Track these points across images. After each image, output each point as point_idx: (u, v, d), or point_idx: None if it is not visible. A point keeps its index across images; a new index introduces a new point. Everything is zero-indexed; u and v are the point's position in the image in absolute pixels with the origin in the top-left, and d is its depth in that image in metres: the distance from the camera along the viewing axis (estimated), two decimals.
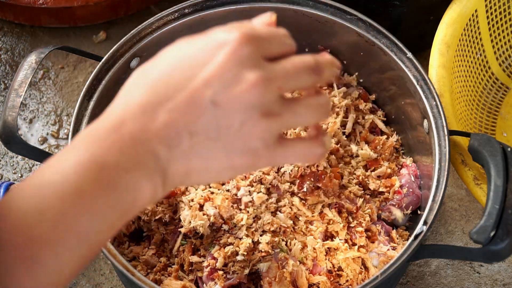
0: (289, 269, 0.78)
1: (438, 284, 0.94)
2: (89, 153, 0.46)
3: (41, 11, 1.12)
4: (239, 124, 0.47)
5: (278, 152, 0.50)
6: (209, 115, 0.47)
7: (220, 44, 0.48)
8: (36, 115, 1.09)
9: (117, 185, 0.46)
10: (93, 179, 0.45)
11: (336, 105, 0.90)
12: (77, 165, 0.46)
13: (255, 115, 0.47)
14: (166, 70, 0.48)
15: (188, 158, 0.48)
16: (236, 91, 0.47)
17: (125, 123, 0.47)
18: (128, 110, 0.47)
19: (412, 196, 0.85)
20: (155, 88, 0.48)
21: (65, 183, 0.45)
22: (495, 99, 1.04)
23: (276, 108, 0.48)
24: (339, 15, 0.87)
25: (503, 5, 1.00)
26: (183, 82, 0.47)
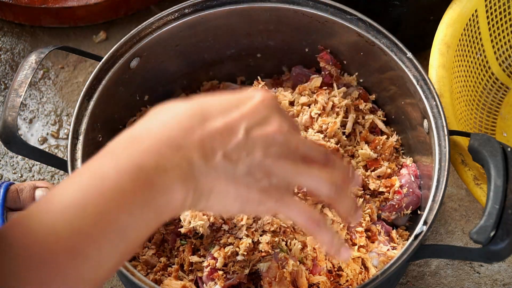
0: (289, 269, 0.78)
1: (438, 284, 0.94)
2: (126, 155, 0.50)
3: (41, 11, 1.12)
4: (261, 156, 0.53)
5: (286, 199, 0.56)
6: (241, 142, 0.53)
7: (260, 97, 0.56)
8: (36, 115, 1.09)
9: (154, 184, 0.49)
10: (132, 178, 0.49)
11: (336, 105, 0.90)
12: (116, 166, 0.49)
13: (275, 154, 0.54)
14: (217, 101, 0.55)
15: (216, 176, 0.52)
16: (265, 129, 0.54)
17: (166, 130, 0.52)
18: (171, 121, 0.53)
19: (412, 196, 0.85)
20: (200, 109, 0.54)
21: (105, 181, 0.48)
22: (495, 99, 1.04)
23: (293, 157, 0.55)
24: (339, 15, 0.87)
25: (503, 5, 1.00)
26: (225, 111, 0.54)
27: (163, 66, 0.93)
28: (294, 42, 0.95)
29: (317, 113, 0.88)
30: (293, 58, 0.97)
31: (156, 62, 0.92)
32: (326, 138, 0.87)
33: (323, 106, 0.89)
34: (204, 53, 0.96)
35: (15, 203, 0.89)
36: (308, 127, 0.88)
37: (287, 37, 0.94)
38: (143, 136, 0.51)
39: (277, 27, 0.93)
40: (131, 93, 0.92)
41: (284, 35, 0.94)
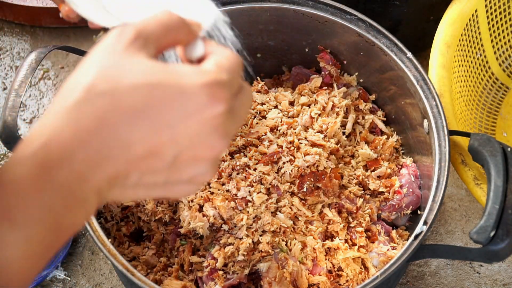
0: (289, 269, 0.78)
1: (438, 284, 0.94)
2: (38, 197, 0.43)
3: (41, 11, 1.12)
4: (188, 178, 0.47)
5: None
6: (165, 170, 0.45)
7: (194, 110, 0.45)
8: (36, 115, 1.09)
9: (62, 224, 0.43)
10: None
11: (336, 105, 0.90)
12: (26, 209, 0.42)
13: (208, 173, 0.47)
14: (135, 113, 0.44)
15: (125, 190, 0.46)
16: (198, 153, 0.45)
17: (75, 154, 0.43)
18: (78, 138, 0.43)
19: (412, 196, 0.85)
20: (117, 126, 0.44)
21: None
22: (495, 99, 1.04)
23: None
24: (339, 15, 0.87)
25: (503, 5, 1.00)
26: (150, 131, 0.44)
27: None
28: (294, 42, 0.95)
29: (317, 113, 0.88)
30: (293, 58, 0.97)
31: None
32: (326, 138, 0.87)
33: (323, 106, 0.89)
34: None
35: None
36: (308, 127, 0.88)
37: (287, 37, 0.94)
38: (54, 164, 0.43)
39: (277, 27, 0.93)
40: None
41: (284, 35, 0.94)
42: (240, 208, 0.80)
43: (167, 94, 0.44)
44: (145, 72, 0.44)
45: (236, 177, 0.82)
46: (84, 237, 0.98)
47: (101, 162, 0.43)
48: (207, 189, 0.83)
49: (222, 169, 0.82)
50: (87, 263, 0.97)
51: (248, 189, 0.81)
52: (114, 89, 0.43)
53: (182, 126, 0.44)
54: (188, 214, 0.80)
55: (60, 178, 0.42)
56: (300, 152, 0.83)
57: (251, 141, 0.85)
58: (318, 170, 0.83)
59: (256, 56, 0.98)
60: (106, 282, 0.95)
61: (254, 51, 0.97)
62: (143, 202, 0.84)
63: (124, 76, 0.43)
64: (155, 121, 0.43)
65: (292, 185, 0.82)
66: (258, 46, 0.97)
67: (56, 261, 0.92)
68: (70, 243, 0.94)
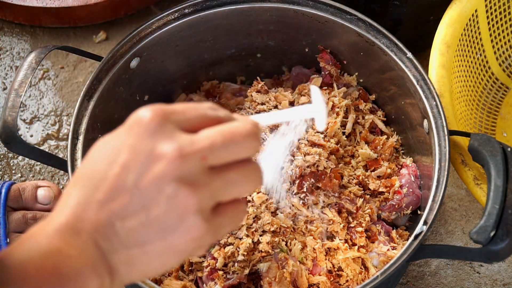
0: (289, 269, 0.78)
1: (438, 284, 0.94)
2: (32, 244, 0.46)
3: (41, 11, 1.12)
4: (165, 202, 0.46)
5: (218, 222, 0.48)
6: (135, 198, 0.46)
7: (130, 126, 0.48)
8: (36, 115, 1.09)
9: (61, 271, 0.45)
10: (38, 266, 0.45)
11: (336, 105, 0.90)
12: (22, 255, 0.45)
13: (181, 190, 0.46)
14: (90, 165, 0.48)
15: (127, 246, 0.47)
16: (155, 169, 0.46)
17: (62, 215, 0.47)
18: (66, 208, 0.47)
19: (412, 196, 0.85)
20: (83, 183, 0.47)
21: (11, 272, 0.44)
22: (495, 99, 1.04)
23: (201, 179, 0.47)
24: (339, 15, 0.87)
25: (503, 5, 1.00)
26: (105, 171, 0.47)
27: (163, 66, 0.93)
28: (294, 42, 0.95)
29: None
30: (293, 58, 0.97)
31: (156, 62, 0.92)
32: (326, 138, 0.87)
33: None
34: (204, 53, 0.96)
35: (17, 202, 0.89)
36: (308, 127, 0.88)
37: (287, 37, 0.94)
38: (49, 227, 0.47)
39: (277, 27, 0.93)
40: (131, 93, 0.92)
41: (284, 35, 0.94)
42: None
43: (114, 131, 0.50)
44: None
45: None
46: None
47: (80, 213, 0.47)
48: None
49: None
50: None
51: None
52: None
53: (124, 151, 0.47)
54: None
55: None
56: (300, 152, 0.83)
57: None
58: (318, 170, 0.83)
59: (256, 56, 0.98)
60: None
61: (254, 51, 0.97)
62: None
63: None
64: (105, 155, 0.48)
65: (292, 185, 0.82)
66: (258, 46, 0.97)
67: None
68: None
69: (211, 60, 0.97)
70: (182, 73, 0.97)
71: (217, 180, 0.47)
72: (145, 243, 0.47)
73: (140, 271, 0.48)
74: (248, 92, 0.93)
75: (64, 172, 1.01)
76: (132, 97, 0.93)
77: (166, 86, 0.97)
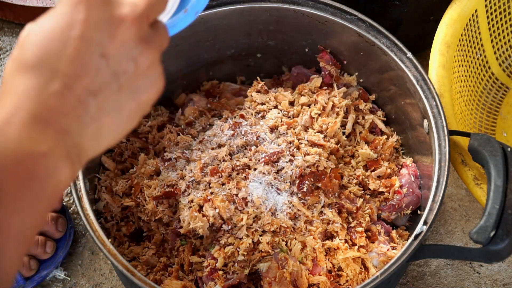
0: (289, 269, 0.78)
1: (438, 284, 0.94)
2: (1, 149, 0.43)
3: (41, 11, 1.12)
4: (133, 64, 0.48)
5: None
6: (104, 68, 0.46)
7: (75, 2, 0.47)
8: None
9: (37, 173, 0.44)
10: (12, 176, 0.43)
11: (336, 105, 0.90)
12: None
13: (144, 48, 0.48)
14: (36, 47, 0.46)
15: (97, 118, 0.47)
16: (120, 34, 0.47)
17: (21, 109, 0.44)
18: (24, 102, 0.45)
19: (412, 196, 0.85)
20: (33, 70, 0.45)
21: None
22: (495, 99, 1.04)
23: (152, 35, 0.49)
24: (339, 15, 0.87)
25: (503, 5, 1.00)
26: (60, 49, 0.45)
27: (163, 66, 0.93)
28: (294, 42, 0.95)
29: (317, 113, 0.88)
30: (293, 58, 0.97)
31: None
32: (326, 138, 0.87)
33: (323, 106, 0.89)
34: (204, 53, 0.96)
35: None
36: (308, 127, 0.88)
37: (287, 37, 0.94)
38: (4, 120, 0.44)
39: (277, 27, 0.93)
40: None
41: (284, 35, 0.94)
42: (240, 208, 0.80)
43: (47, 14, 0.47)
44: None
45: (236, 177, 0.82)
46: (84, 237, 0.98)
47: (44, 95, 0.45)
48: (207, 189, 0.83)
49: (222, 169, 0.82)
50: (87, 263, 0.97)
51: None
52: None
53: (79, 21, 0.46)
54: (188, 214, 0.80)
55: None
56: (300, 152, 0.84)
57: (251, 141, 0.85)
58: (318, 170, 0.83)
59: (256, 56, 0.98)
60: (106, 282, 0.95)
61: (254, 51, 0.97)
62: (143, 202, 0.84)
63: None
64: (56, 35, 0.46)
65: (292, 185, 0.82)
66: (258, 46, 0.97)
67: (56, 261, 0.92)
68: (70, 243, 0.94)
69: (211, 60, 0.97)
70: (182, 73, 0.97)
71: (158, 32, 0.50)
72: (116, 109, 0.47)
73: (108, 139, 0.48)
74: (248, 92, 0.93)
75: None
76: None
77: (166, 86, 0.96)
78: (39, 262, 0.91)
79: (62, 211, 0.94)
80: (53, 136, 0.44)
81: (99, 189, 0.87)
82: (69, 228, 0.94)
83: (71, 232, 0.94)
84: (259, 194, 0.81)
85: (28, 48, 0.46)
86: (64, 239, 0.93)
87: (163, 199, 0.83)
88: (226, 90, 0.98)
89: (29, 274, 0.90)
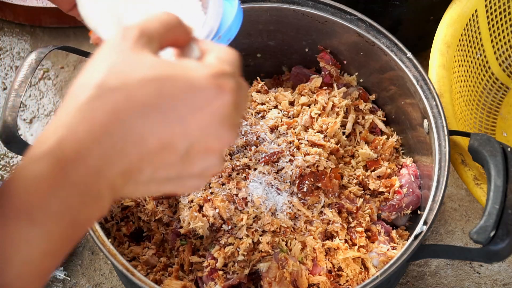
0: (289, 269, 0.78)
1: (438, 284, 0.94)
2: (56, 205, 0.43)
3: (41, 11, 1.12)
4: (199, 171, 0.48)
5: None
6: (178, 163, 0.46)
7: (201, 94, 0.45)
8: (36, 115, 1.09)
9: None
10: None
11: (336, 105, 0.90)
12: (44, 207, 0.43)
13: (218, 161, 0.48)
14: (145, 108, 0.44)
15: (139, 185, 0.47)
16: (209, 145, 0.46)
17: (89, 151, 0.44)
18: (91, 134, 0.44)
19: (412, 196, 0.85)
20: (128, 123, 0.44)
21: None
22: (495, 99, 1.04)
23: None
24: (339, 15, 0.87)
25: (503, 5, 1.00)
26: (162, 125, 0.44)
27: None
28: (294, 42, 0.95)
29: (317, 113, 0.88)
30: (293, 58, 0.97)
31: None
32: (326, 138, 0.87)
33: (323, 106, 0.89)
34: None
35: None
36: (308, 127, 0.88)
37: (287, 37, 0.94)
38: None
39: (277, 27, 0.93)
40: None
41: (284, 35, 0.94)
42: (240, 208, 0.80)
43: (176, 87, 0.44)
44: (154, 67, 0.44)
45: (236, 177, 0.82)
46: (84, 237, 0.98)
47: (115, 157, 0.44)
48: (207, 189, 0.83)
49: (222, 169, 0.82)
50: (87, 263, 0.97)
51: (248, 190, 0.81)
52: (125, 84, 0.44)
53: (193, 118, 0.45)
54: (188, 214, 0.80)
55: (76, 174, 0.43)
56: (300, 152, 0.84)
57: (251, 141, 0.85)
58: (318, 170, 0.83)
59: (256, 56, 0.98)
60: (106, 282, 0.95)
61: (254, 51, 0.97)
62: (143, 202, 0.84)
63: (134, 72, 0.44)
64: (167, 114, 0.44)
65: (292, 185, 0.82)
66: (258, 46, 0.97)
67: None
68: None
69: None
70: None
71: None
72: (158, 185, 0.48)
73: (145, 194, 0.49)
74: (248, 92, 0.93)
75: None
76: None
77: None
78: None
79: None
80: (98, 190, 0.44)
81: None
82: None
83: None
84: (259, 194, 0.81)
85: (143, 91, 0.45)
86: None
87: (163, 199, 0.83)
88: None
89: None
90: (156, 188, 0.48)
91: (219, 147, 0.47)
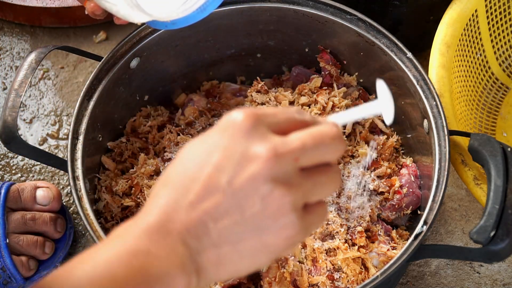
0: (289, 269, 0.78)
1: (438, 284, 0.94)
2: (119, 244, 0.47)
3: (41, 11, 1.12)
4: (261, 202, 0.47)
5: (309, 220, 0.49)
6: (229, 198, 0.47)
7: (224, 128, 0.49)
8: (36, 115, 1.09)
9: (149, 272, 0.46)
10: (125, 265, 0.45)
11: (336, 105, 0.90)
12: (109, 254, 0.46)
13: (276, 189, 0.47)
14: (181, 166, 0.49)
15: (218, 245, 0.48)
16: (250, 169, 0.47)
17: (151, 216, 0.48)
18: (155, 209, 0.48)
19: (412, 196, 0.85)
20: (173, 184, 0.48)
21: (96, 270, 0.45)
22: (495, 99, 1.04)
23: (294, 179, 0.48)
24: (339, 15, 0.87)
25: (503, 5, 1.00)
26: (197, 172, 0.48)
27: (163, 66, 0.93)
28: (294, 42, 0.95)
29: (317, 113, 0.88)
30: (293, 58, 0.97)
31: (156, 62, 0.92)
32: None
33: (323, 106, 0.89)
34: (204, 53, 0.96)
35: (16, 203, 0.89)
36: None
37: (287, 37, 0.94)
38: (137, 225, 0.48)
39: (277, 27, 0.93)
40: (131, 93, 0.92)
41: (284, 35, 0.94)
42: None
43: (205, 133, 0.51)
44: None
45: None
46: (84, 237, 0.98)
47: (170, 213, 0.48)
48: None
49: None
50: None
51: None
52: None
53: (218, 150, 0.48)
54: None
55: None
56: None
57: None
58: None
59: (256, 56, 0.98)
60: None
61: (254, 51, 0.97)
62: (143, 202, 0.84)
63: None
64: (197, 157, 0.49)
65: None
66: (258, 46, 0.97)
67: (56, 261, 0.92)
68: (70, 243, 0.94)
69: (211, 60, 0.97)
70: (182, 73, 0.97)
71: (308, 181, 0.49)
72: (237, 242, 0.48)
73: (229, 270, 0.49)
74: (248, 92, 0.93)
75: (64, 172, 1.01)
76: (132, 97, 0.93)
77: (166, 86, 0.97)
78: (39, 262, 0.91)
79: (61, 211, 0.94)
80: (172, 244, 0.47)
81: (99, 189, 0.87)
82: (69, 228, 0.94)
83: (71, 232, 0.94)
84: None
85: (178, 161, 0.50)
86: (63, 239, 0.93)
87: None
88: (226, 90, 0.98)
89: (28, 274, 0.90)
90: (234, 240, 0.48)
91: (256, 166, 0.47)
